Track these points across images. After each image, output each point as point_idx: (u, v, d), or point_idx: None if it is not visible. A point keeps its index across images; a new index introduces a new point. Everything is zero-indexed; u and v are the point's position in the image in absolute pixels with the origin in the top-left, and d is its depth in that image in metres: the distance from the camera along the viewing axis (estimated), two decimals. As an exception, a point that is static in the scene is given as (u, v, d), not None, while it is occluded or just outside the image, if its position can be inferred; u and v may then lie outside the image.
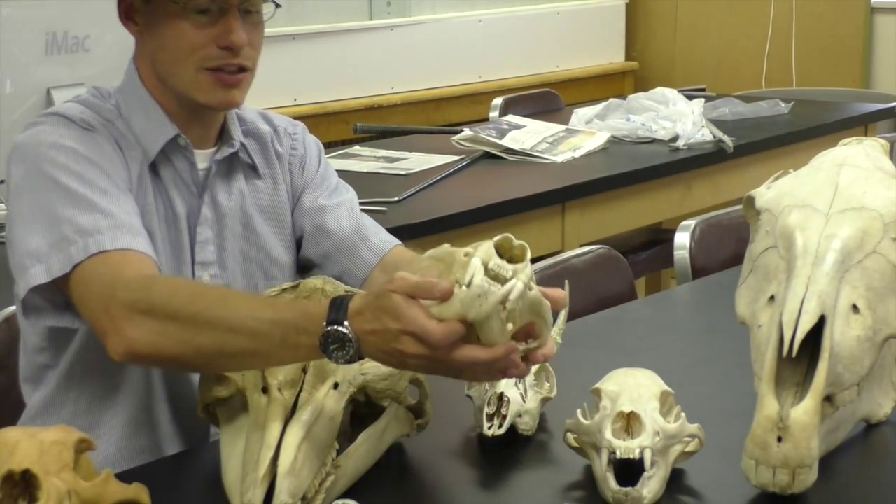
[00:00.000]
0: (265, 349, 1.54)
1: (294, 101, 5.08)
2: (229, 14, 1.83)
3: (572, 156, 3.83)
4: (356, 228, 2.02)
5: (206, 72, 1.83)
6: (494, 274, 1.43)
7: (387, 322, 1.46)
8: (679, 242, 2.88)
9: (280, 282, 1.95)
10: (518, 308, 1.44)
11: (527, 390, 1.75)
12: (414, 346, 1.45)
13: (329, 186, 2.06)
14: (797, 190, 1.65)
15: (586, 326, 2.31)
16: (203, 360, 1.61)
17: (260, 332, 1.54)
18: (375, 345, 1.48)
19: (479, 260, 1.43)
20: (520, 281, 1.43)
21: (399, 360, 1.48)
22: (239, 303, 1.60)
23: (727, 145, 3.94)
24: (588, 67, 6.24)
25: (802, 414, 1.49)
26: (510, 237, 1.49)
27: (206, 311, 1.58)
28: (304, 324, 1.52)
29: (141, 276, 1.68)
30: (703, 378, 2.01)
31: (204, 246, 1.90)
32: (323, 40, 5.22)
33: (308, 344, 1.51)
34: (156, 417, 1.88)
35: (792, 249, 1.58)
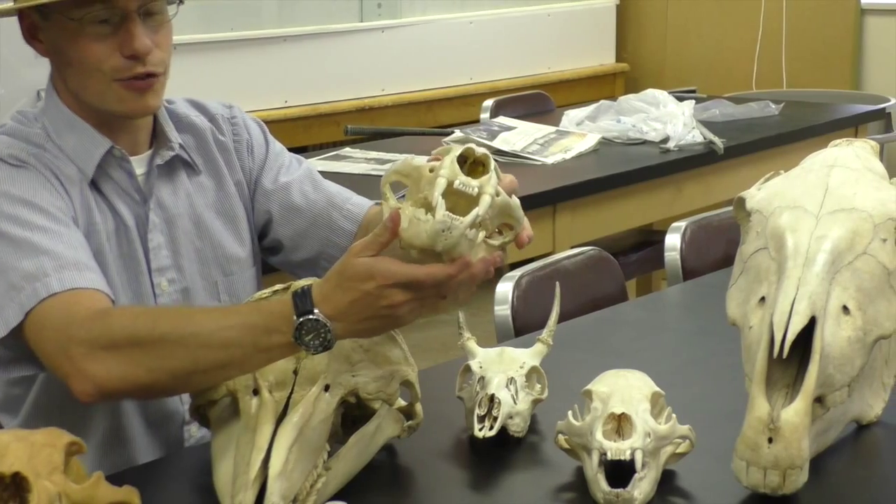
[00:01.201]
0: (239, 357, 1.54)
1: (285, 102, 5.08)
2: (129, 21, 1.78)
3: (563, 157, 3.83)
4: (328, 199, 2.02)
5: (117, 83, 1.79)
6: (461, 191, 1.47)
7: (362, 286, 1.48)
8: (670, 244, 2.88)
9: (238, 276, 1.95)
10: (489, 216, 1.49)
11: (518, 392, 1.75)
12: (400, 294, 1.47)
13: (283, 163, 2.04)
14: (788, 191, 1.65)
15: (577, 328, 2.31)
16: (177, 382, 1.60)
17: (231, 342, 1.54)
18: (357, 317, 1.49)
19: (444, 180, 1.46)
20: (486, 194, 1.47)
21: (388, 318, 1.50)
22: (204, 317, 1.60)
23: (717, 147, 3.94)
24: (579, 69, 6.25)
25: (793, 415, 1.49)
26: (472, 147, 1.53)
27: (174, 332, 1.57)
28: (274, 323, 1.52)
29: (94, 312, 1.64)
30: (694, 379, 2.01)
31: (157, 252, 1.88)
32: (313, 42, 5.21)
33: (281, 342, 1.52)
34: (129, 433, 1.86)
35: (782, 251, 1.58)
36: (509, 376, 1.75)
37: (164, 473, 1.71)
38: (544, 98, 5.04)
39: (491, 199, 1.48)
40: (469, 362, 1.80)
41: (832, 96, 5.55)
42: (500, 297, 2.44)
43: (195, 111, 2.00)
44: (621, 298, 2.65)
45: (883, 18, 5.93)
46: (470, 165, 1.52)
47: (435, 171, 1.48)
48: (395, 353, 1.67)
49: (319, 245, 2.00)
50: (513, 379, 1.75)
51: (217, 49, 4.84)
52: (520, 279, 2.47)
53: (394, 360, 1.67)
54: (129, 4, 1.77)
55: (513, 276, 2.47)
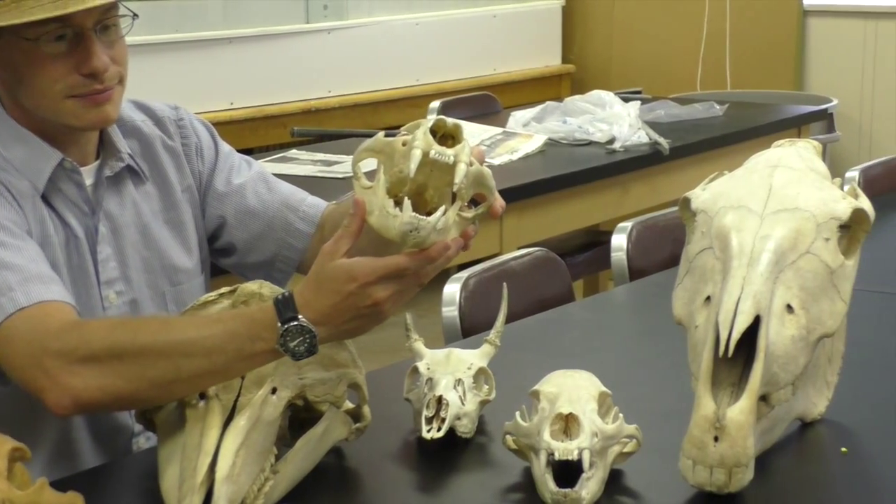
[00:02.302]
0: (221, 365, 1.54)
1: (230, 104, 5.05)
2: (86, 39, 1.75)
3: (509, 158, 3.84)
4: (283, 201, 2.00)
5: (72, 99, 1.76)
6: (436, 160, 1.48)
7: (344, 288, 1.49)
8: (616, 244, 2.89)
9: (186, 286, 1.94)
10: (464, 186, 1.50)
11: (466, 393, 1.75)
12: (384, 289, 1.49)
13: (234, 164, 2.02)
14: (732, 191, 1.66)
15: (525, 329, 2.31)
16: (158, 391, 1.59)
17: (214, 350, 1.53)
18: (341, 319, 1.50)
19: (419, 151, 1.47)
20: (462, 162, 1.48)
21: (372, 315, 1.51)
22: (185, 325, 1.59)
23: (663, 147, 3.96)
24: (525, 70, 6.26)
25: (738, 413, 1.50)
26: (443, 119, 1.54)
27: (155, 341, 1.56)
28: (256, 331, 1.52)
29: (68, 324, 1.62)
30: (641, 379, 2.02)
31: (106, 263, 1.86)
32: (259, 44, 5.19)
33: (265, 349, 1.52)
34: (78, 446, 1.84)
35: (727, 250, 1.59)
36: (457, 378, 1.75)
37: (110, 479, 1.70)
38: (491, 99, 5.05)
39: (466, 168, 1.49)
40: (417, 364, 1.80)
41: (775, 97, 5.59)
42: (447, 298, 2.44)
43: (140, 114, 1.97)
44: (568, 299, 2.66)
45: (825, 20, 5.99)
46: (440, 139, 1.53)
47: (408, 144, 1.49)
48: (342, 355, 1.67)
49: (275, 247, 1.99)
50: (460, 380, 1.75)
51: (162, 51, 4.81)
52: (467, 280, 2.47)
53: (341, 363, 1.66)
54: (86, 21, 1.74)
55: (460, 277, 2.47)
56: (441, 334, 2.42)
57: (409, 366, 1.82)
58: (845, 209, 1.63)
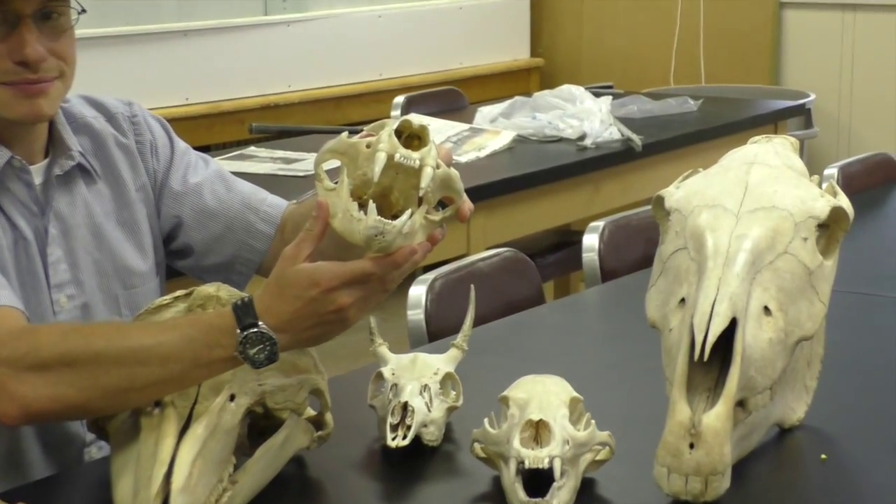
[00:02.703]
0: (177, 373, 1.53)
1: (186, 100, 5.04)
2: (22, 25, 1.73)
3: (477, 156, 3.84)
4: (242, 201, 2.00)
5: (3, 86, 1.75)
6: (401, 164, 1.48)
7: (306, 293, 1.49)
8: (587, 244, 2.90)
9: (140, 289, 1.93)
10: (431, 189, 1.50)
11: (432, 399, 1.75)
12: (346, 295, 1.49)
13: (190, 162, 2.01)
14: (707, 189, 1.66)
15: (493, 332, 2.32)
16: (111, 401, 1.58)
17: (170, 358, 1.53)
18: (303, 325, 1.50)
19: (384, 154, 1.48)
20: (427, 166, 1.49)
21: (335, 322, 1.51)
22: (139, 332, 1.58)
23: (635, 144, 3.98)
24: (492, 64, 6.27)
25: (714, 419, 1.51)
26: (409, 119, 1.54)
27: (108, 349, 1.55)
28: (215, 338, 1.52)
29: (17, 331, 1.61)
30: (614, 384, 2.03)
31: (56, 266, 1.85)
32: (216, 36, 5.18)
33: (223, 357, 1.52)
34: (27, 457, 1.82)
35: (702, 250, 1.60)
36: (423, 383, 1.75)
37: (61, 490, 1.69)
38: (457, 94, 5.05)
39: (432, 172, 1.49)
40: (381, 369, 1.80)
41: (751, 92, 5.62)
42: (412, 300, 2.43)
43: (92, 110, 1.96)
44: (538, 301, 2.66)
45: (802, 12, 6.03)
46: (406, 139, 1.53)
47: (373, 146, 1.49)
48: (303, 360, 1.66)
49: (234, 249, 1.99)
50: (427, 386, 1.75)
51: (113, 44, 4.79)
52: (433, 282, 2.47)
53: (302, 368, 1.66)
54: (24, 7, 1.73)
55: (426, 279, 2.47)
56: (406, 338, 2.42)
57: (374, 371, 1.82)
58: (823, 208, 1.64)
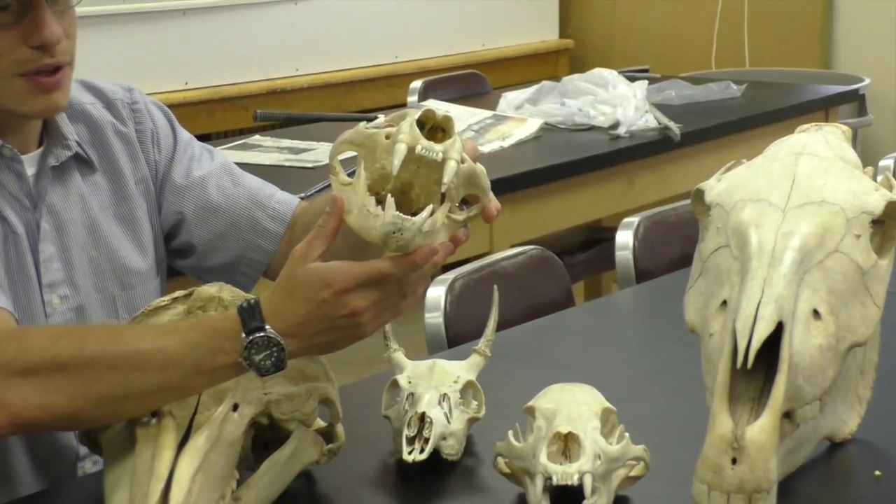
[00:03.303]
0: (177, 381, 1.53)
1: (185, 84, 5.05)
2: (36, 7, 1.74)
3: (501, 145, 3.84)
4: (250, 196, 2.01)
5: (20, 78, 1.76)
6: (422, 157, 1.48)
7: (317, 295, 1.49)
8: (621, 242, 2.90)
9: (139, 289, 1.93)
10: (454, 185, 1.50)
11: (452, 410, 1.75)
12: (363, 298, 1.49)
13: (194, 154, 2.02)
14: (751, 182, 1.66)
15: (518, 337, 2.32)
16: (106, 410, 1.58)
17: (169, 363, 1.53)
18: (313, 330, 1.50)
19: (404, 146, 1.47)
20: (451, 160, 1.48)
21: (348, 329, 1.51)
22: (137, 335, 1.58)
23: (673, 133, 3.97)
24: (518, 46, 6.27)
25: (759, 432, 1.51)
26: (432, 110, 1.54)
27: (103, 353, 1.56)
28: (218, 343, 1.52)
29: (5, 333, 1.61)
30: (649, 393, 2.03)
31: (49, 265, 1.85)
32: (217, 15, 5.19)
33: (227, 363, 1.52)
34: (16, 470, 1.83)
35: (745, 249, 1.59)
36: (442, 392, 1.75)
37: (50, 507, 1.70)
38: (479, 79, 5.05)
39: (456, 166, 1.49)
40: (396, 377, 1.80)
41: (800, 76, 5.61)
42: (431, 303, 2.44)
43: (89, 96, 1.97)
44: (567, 303, 2.67)
45: (855, -11, 6.01)
46: (429, 131, 1.53)
47: (392, 138, 1.49)
48: (312, 367, 1.67)
49: (240, 248, 1.99)
50: (446, 395, 1.75)
51: (108, 23, 4.80)
52: (453, 283, 2.47)
53: (311, 376, 1.66)
54: None
55: (445, 279, 2.48)
56: (424, 343, 2.43)
57: (388, 379, 1.82)
58: (878, 202, 1.64)
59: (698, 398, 1.65)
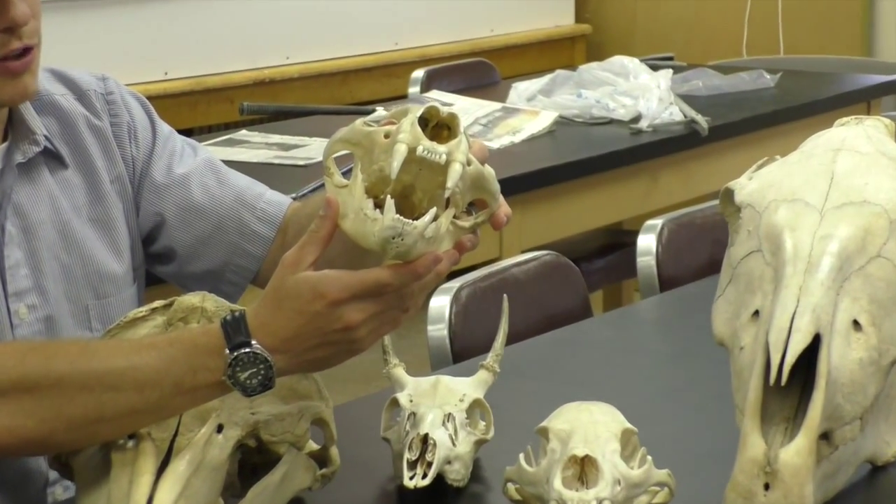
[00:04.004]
0: (155, 401, 1.53)
1: (165, 74, 5.05)
2: None
3: (511, 141, 3.84)
4: (236, 196, 2.01)
5: None
6: (424, 159, 1.48)
7: (309, 307, 1.48)
8: (643, 246, 2.90)
9: (115, 298, 1.93)
10: (459, 190, 1.50)
11: (457, 431, 1.75)
12: (358, 310, 1.48)
13: (175, 150, 2.02)
14: (785, 181, 1.67)
15: (530, 351, 2.32)
16: (78, 433, 1.58)
17: (146, 383, 1.53)
18: (304, 346, 1.50)
19: (404, 146, 1.47)
20: (456, 162, 1.48)
21: (342, 344, 1.50)
22: (111, 352, 1.58)
23: (701, 126, 3.98)
24: (529, 32, 6.27)
25: (794, 455, 1.51)
26: (436, 106, 1.54)
27: (74, 372, 1.55)
28: (200, 359, 1.52)
29: None
30: (674, 413, 2.03)
31: (15, 271, 1.85)
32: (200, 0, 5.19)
33: (209, 382, 1.52)
34: None
35: (779, 254, 1.60)
36: (446, 412, 1.76)
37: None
38: (487, 68, 5.06)
39: (462, 169, 1.48)
40: (397, 395, 1.81)
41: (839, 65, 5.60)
42: (434, 314, 2.44)
43: (60, 86, 1.97)
44: (584, 314, 2.67)
45: (900, -31, 6.01)
46: (432, 130, 1.53)
47: (392, 137, 1.49)
48: (304, 384, 1.67)
49: (225, 254, 1.99)
50: (451, 415, 1.76)
51: (79, 7, 4.81)
52: (459, 292, 2.47)
53: (303, 394, 1.67)
54: None
55: (450, 287, 2.48)
56: (427, 358, 2.43)
57: (388, 397, 1.83)
58: (925, 202, 1.64)
59: (727, 418, 1.65)
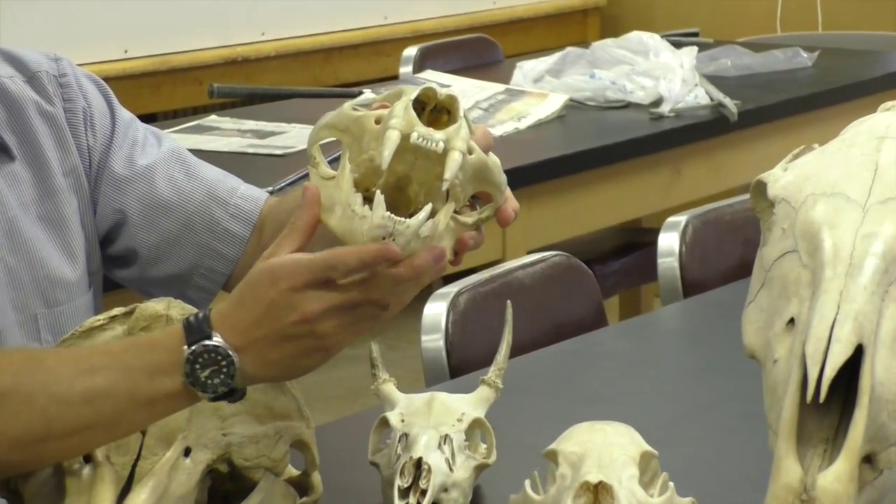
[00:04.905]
0: (109, 414, 1.53)
1: (125, 52, 5.05)
2: None
3: (515, 127, 3.85)
4: (207, 191, 2.01)
5: None
6: (419, 147, 1.48)
7: (266, 293, 1.48)
8: (664, 247, 2.90)
9: (67, 306, 1.93)
10: (459, 182, 1.50)
11: (455, 455, 1.75)
12: (315, 299, 1.46)
13: (137, 139, 2.02)
14: (824, 172, 1.67)
15: (537, 364, 2.32)
16: (23, 454, 1.57)
17: (98, 392, 1.53)
18: (267, 342, 1.49)
19: (397, 133, 1.47)
20: (455, 150, 1.48)
21: (308, 340, 1.49)
22: (58, 360, 1.58)
23: (729, 111, 3.98)
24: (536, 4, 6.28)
25: (833, 481, 1.51)
26: (433, 88, 1.53)
27: (17, 385, 1.55)
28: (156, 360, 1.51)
29: None
30: (699, 434, 2.03)
31: None
32: (165, -32, 5.20)
33: (169, 390, 1.51)
34: None
35: (817, 255, 1.60)
36: (443, 433, 1.76)
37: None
38: (488, 45, 5.06)
39: (462, 158, 1.49)
40: (387, 414, 1.81)
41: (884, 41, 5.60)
42: (429, 322, 2.44)
43: (7, 67, 1.97)
44: (598, 323, 2.67)
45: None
46: (430, 114, 1.53)
47: (383, 123, 1.49)
48: (282, 401, 1.67)
49: (194, 255, 1.99)
50: (448, 437, 1.76)
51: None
52: (457, 298, 2.47)
53: (281, 413, 1.67)
54: None
55: (447, 293, 2.48)
56: (420, 372, 2.43)
57: (377, 417, 1.83)
58: (981, 197, 1.64)
59: (759, 439, 1.65)
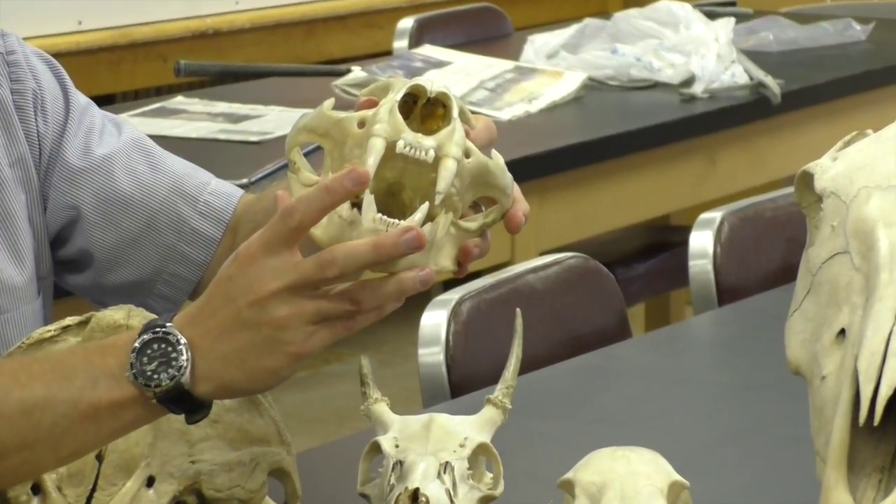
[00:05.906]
0: (48, 428, 1.52)
1: (79, 24, 5.06)
2: None
3: (526, 110, 3.85)
4: (173, 185, 2.01)
5: None
6: (408, 155, 1.48)
7: (224, 272, 1.49)
8: (697, 247, 2.91)
9: (12, 314, 1.93)
10: (457, 191, 1.51)
11: (456, 485, 1.76)
12: (272, 276, 1.47)
13: (94, 125, 2.03)
14: (878, 162, 1.67)
15: (551, 381, 2.33)
16: None
17: (36, 403, 1.52)
18: (230, 344, 1.49)
19: (381, 140, 1.47)
20: (448, 158, 1.48)
21: (263, 327, 1.49)
22: None
23: (772, 92, 3.98)
24: (550, -31, 6.29)
25: (891, 514, 1.52)
26: (422, 84, 1.54)
27: None
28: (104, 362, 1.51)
29: None
30: (735, 461, 2.04)
31: None
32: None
33: (116, 396, 1.51)
34: None
35: (872, 256, 1.60)
36: (443, 461, 1.76)
37: None
38: (495, 15, 5.06)
39: (455, 167, 1.49)
40: (379, 439, 1.81)
41: (950, 11, 5.62)
42: (427, 333, 2.44)
43: None
44: (621, 334, 2.67)
45: None
46: (423, 109, 1.54)
47: (367, 126, 1.50)
48: (258, 424, 1.67)
49: (158, 259, 1.99)
50: (448, 464, 1.76)
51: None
52: (459, 305, 2.47)
53: (257, 437, 1.67)
54: None
55: (447, 299, 2.48)
56: (417, 390, 2.43)
57: (367, 441, 1.83)
58: None
59: (805, 466, 1.66)
